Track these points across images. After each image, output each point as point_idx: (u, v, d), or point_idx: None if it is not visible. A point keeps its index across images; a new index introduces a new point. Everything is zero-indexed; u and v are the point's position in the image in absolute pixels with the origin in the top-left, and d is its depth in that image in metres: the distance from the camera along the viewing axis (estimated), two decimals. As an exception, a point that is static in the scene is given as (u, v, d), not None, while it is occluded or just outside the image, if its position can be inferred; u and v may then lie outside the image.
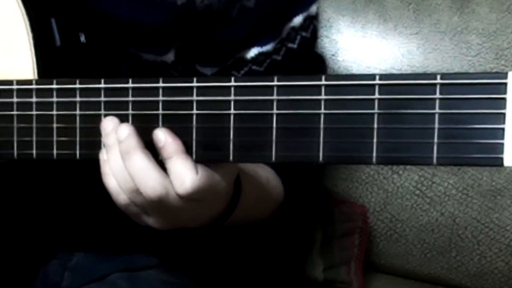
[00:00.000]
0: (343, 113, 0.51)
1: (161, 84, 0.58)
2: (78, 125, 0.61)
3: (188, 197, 0.57)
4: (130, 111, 0.59)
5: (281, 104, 0.53)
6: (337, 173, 1.19)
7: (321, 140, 0.52)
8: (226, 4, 0.77)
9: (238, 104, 0.55)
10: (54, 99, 0.62)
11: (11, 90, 0.64)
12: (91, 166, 0.62)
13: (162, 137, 0.57)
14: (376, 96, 0.50)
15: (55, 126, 0.62)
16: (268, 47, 0.82)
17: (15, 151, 0.64)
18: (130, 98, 0.59)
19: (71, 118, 0.61)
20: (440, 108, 0.48)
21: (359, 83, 0.51)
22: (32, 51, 0.66)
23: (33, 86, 0.63)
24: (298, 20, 0.82)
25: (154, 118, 0.58)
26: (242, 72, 0.82)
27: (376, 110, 0.50)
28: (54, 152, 0.63)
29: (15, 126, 0.64)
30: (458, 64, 1.14)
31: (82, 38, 0.70)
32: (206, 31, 0.78)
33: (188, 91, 0.57)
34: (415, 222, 1.16)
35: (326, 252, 1.13)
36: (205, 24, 0.78)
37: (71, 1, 0.71)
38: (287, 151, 0.54)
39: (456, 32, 1.14)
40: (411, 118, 0.49)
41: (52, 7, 0.69)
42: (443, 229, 1.15)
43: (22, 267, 0.84)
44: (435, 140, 0.49)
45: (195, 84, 0.56)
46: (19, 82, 0.63)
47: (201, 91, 0.56)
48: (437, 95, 0.48)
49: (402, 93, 0.49)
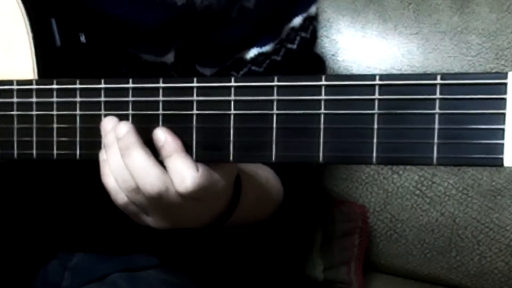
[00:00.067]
0: (343, 113, 0.51)
1: (161, 84, 0.58)
2: (78, 125, 0.61)
3: (189, 195, 0.57)
4: (130, 111, 0.59)
5: (281, 104, 0.53)
6: (337, 173, 1.19)
7: (321, 140, 0.52)
8: (226, 5, 0.77)
9: (238, 104, 0.55)
10: (54, 99, 0.62)
11: (11, 90, 0.64)
12: (91, 166, 0.62)
13: (161, 136, 0.57)
14: (376, 96, 0.50)
15: (55, 126, 0.62)
16: (267, 48, 0.82)
17: (15, 151, 0.64)
18: (130, 98, 0.59)
19: (71, 118, 0.61)
20: (440, 108, 0.48)
21: (359, 83, 0.51)
22: (32, 51, 0.66)
23: (33, 86, 0.63)
24: (297, 20, 0.82)
25: (154, 118, 0.58)
26: (242, 72, 0.82)
27: (376, 110, 0.50)
28: (54, 152, 0.63)
29: (15, 126, 0.64)
30: (458, 64, 1.13)
31: (82, 38, 0.70)
32: (205, 32, 0.78)
33: (188, 91, 0.57)
34: (415, 222, 1.16)
35: (326, 252, 1.13)
36: (204, 25, 0.78)
37: (71, 1, 0.71)
38: (287, 151, 0.54)
39: (456, 32, 1.14)
40: (411, 118, 0.49)
41: (52, 7, 0.69)
42: (443, 229, 1.15)
43: (22, 267, 0.84)
44: (435, 140, 0.49)
45: (195, 84, 0.56)
46: (19, 82, 0.63)
47: (201, 91, 0.56)
48: (437, 95, 0.48)
49: (402, 93, 0.49)
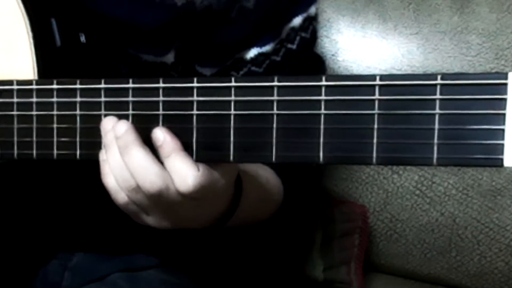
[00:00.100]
0: (343, 113, 0.51)
1: (161, 85, 0.58)
2: (78, 126, 0.61)
3: (190, 194, 0.57)
4: (131, 112, 0.59)
5: (281, 104, 0.53)
6: (337, 173, 1.19)
7: (321, 141, 0.52)
8: (226, 5, 0.77)
9: (239, 105, 0.55)
10: (55, 99, 0.62)
11: (12, 90, 0.64)
12: (91, 166, 0.62)
13: (160, 135, 0.57)
14: (377, 96, 0.50)
15: (55, 126, 0.62)
16: (267, 48, 0.82)
17: (15, 151, 0.64)
18: (131, 99, 0.59)
19: (72, 119, 0.61)
20: (440, 109, 0.48)
21: (360, 84, 0.51)
22: (32, 51, 0.66)
23: (34, 86, 0.63)
24: (297, 21, 0.82)
25: (154, 118, 0.58)
26: (242, 72, 0.82)
27: (376, 111, 0.50)
28: (54, 152, 0.63)
29: (15, 126, 0.64)
30: (458, 64, 1.13)
31: (82, 38, 0.70)
32: (205, 32, 0.78)
33: (189, 91, 0.57)
34: (415, 222, 1.16)
35: (326, 252, 1.13)
36: (204, 25, 0.78)
37: (71, 1, 0.71)
38: (287, 152, 0.54)
39: (456, 32, 1.14)
40: (412, 118, 0.49)
41: (52, 7, 0.69)
42: (443, 229, 1.15)
43: (22, 267, 0.84)
44: (435, 141, 0.49)
45: (195, 84, 0.56)
46: (19, 82, 0.63)
47: (202, 91, 0.56)
48: (438, 96, 0.48)
49: (403, 93, 0.49)
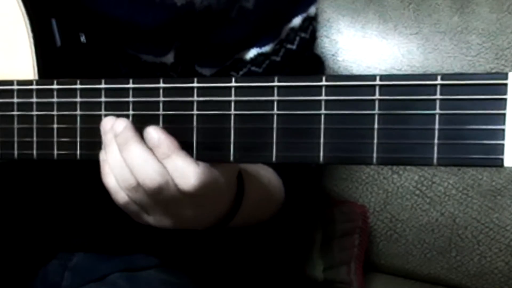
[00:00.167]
0: (343, 113, 0.51)
1: (161, 85, 0.58)
2: (78, 126, 0.61)
3: (192, 192, 0.57)
4: (131, 112, 0.59)
5: (281, 104, 0.53)
6: (337, 173, 1.19)
7: (322, 141, 0.52)
8: (225, 5, 0.77)
9: (239, 105, 0.55)
10: (55, 99, 0.62)
11: (12, 91, 0.64)
12: (92, 166, 0.62)
13: (155, 135, 0.57)
14: (377, 96, 0.50)
15: (55, 126, 0.62)
16: (267, 48, 0.82)
17: (16, 152, 0.64)
18: (131, 99, 0.59)
19: (72, 119, 0.61)
20: (440, 109, 0.48)
21: (360, 84, 0.51)
22: (33, 51, 0.66)
23: (34, 87, 0.63)
24: (297, 21, 0.82)
25: (154, 118, 0.58)
26: (241, 72, 0.82)
27: (376, 111, 0.50)
28: (55, 152, 0.63)
29: (15, 126, 0.64)
30: (458, 64, 1.13)
31: (82, 39, 0.70)
32: (205, 32, 0.78)
33: (189, 91, 0.57)
34: (415, 222, 1.16)
35: (326, 252, 1.13)
36: (204, 25, 0.78)
37: (71, 1, 0.71)
38: (287, 152, 0.54)
39: (456, 32, 1.14)
40: (412, 118, 0.49)
41: (53, 7, 0.69)
42: (443, 229, 1.15)
43: (22, 267, 0.84)
44: (436, 141, 0.49)
45: (195, 84, 0.56)
46: (19, 83, 0.63)
47: (202, 91, 0.56)
48: (438, 96, 0.48)
49: (403, 93, 0.49)
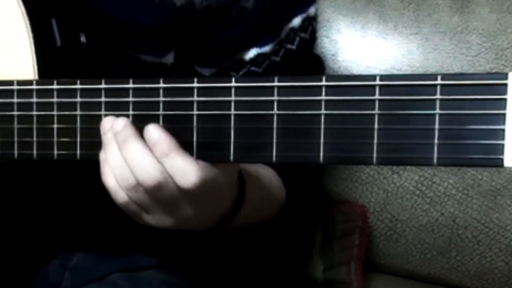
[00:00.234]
0: (343, 113, 0.51)
1: (161, 85, 0.58)
2: (78, 126, 0.61)
3: (192, 190, 0.57)
4: (131, 112, 0.59)
5: (281, 104, 0.53)
6: (337, 173, 1.19)
7: (322, 141, 0.52)
8: (225, 5, 0.77)
9: (239, 105, 0.55)
10: (55, 99, 0.62)
11: (12, 91, 0.64)
12: (92, 166, 0.62)
13: (155, 132, 0.57)
14: (377, 96, 0.50)
15: (55, 126, 0.62)
16: (266, 48, 0.82)
17: (16, 152, 0.64)
18: (131, 99, 0.59)
19: (72, 119, 0.61)
20: (440, 109, 0.48)
21: (360, 84, 0.51)
22: (33, 51, 0.66)
23: (34, 87, 0.63)
24: (297, 21, 0.82)
25: (154, 118, 0.58)
26: (241, 73, 0.82)
27: (376, 111, 0.50)
28: (55, 152, 0.63)
29: (15, 126, 0.64)
30: (458, 64, 1.13)
31: (83, 39, 0.70)
32: (205, 32, 0.78)
33: (189, 91, 0.57)
34: (415, 222, 1.16)
35: (326, 252, 1.13)
36: (204, 25, 0.78)
37: (71, 1, 0.71)
38: (287, 152, 0.54)
39: (456, 32, 1.14)
40: (412, 118, 0.49)
41: (53, 8, 0.69)
42: (443, 229, 1.15)
43: (22, 267, 0.84)
44: (436, 141, 0.49)
45: (195, 84, 0.56)
46: (19, 83, 0.63)
47: (202, 91, 0.56)
48: (438, 96, 0.48)
49: (403, 93, 0.49)
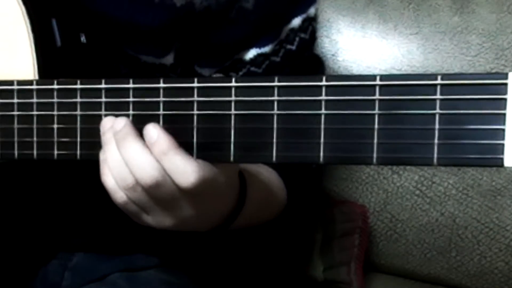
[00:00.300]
0: (343, 113, 0.51)
1: (162, 85, 0.58)
2: (78, 126, 0.61)
3: (192, 189, 0.57)
4: (131, 112, 0.59)
5: (282, 104, 0.53)
6: (337, 173, 1.19)
7: (322, 141, 0.52)
8: (225, 5, 0.77)
9: (239, 105, 0.55)
10: (55, 99, 0.62)
11: (12, 91, 0.64)
12: (92, 166, 0.62)
13: (154, 131, 0.57)
14: (377, 96, 0.50)
15: (55, 126, 0.62)
16: (266, 49, 0.82)
17: (16, 152, 0.64)
18: (131, 99, 0.59)
19: (72, 119, 0.61)
20: (440, 109, 0.48)
21: (360, 84, 0.51)
22: (33, 51, 0.66)
23: (34, 87, 0.63)
24: (296, 21, 0.82)
25: (155, 118, 0.58)
26: (241, 73, 0.82)
27: (376, 111, 0.50)
28: (55, 152, 0.63)
29: (15, 126, 0.64)
30: (458, 64, 1.13)
31: (83, 39, 0.70)
32: (205, 32, 0.78)
33: (189, 91, 0.57)
34: (415, 222, 1.16)
35: (326, 252, 1.13)
36: (203, 25, 0.78)
37: (71, 1, 0.71)
38: (287, 152, 0.54)
39: (456, 32, 1.14)
40: (412, 118, 0.49)
41: (53, 8, 0.69)
42: (443, 229, 1.15)
43: (22, 267, 0.84)
44: (436, 141, 0.49)
45: (196, 84, 0.56)
46: (19, 83, 0.63)
47: (202, 91, 0.56)
48: (438, 96, 0.48)
49: (403, 93, 0.49)
